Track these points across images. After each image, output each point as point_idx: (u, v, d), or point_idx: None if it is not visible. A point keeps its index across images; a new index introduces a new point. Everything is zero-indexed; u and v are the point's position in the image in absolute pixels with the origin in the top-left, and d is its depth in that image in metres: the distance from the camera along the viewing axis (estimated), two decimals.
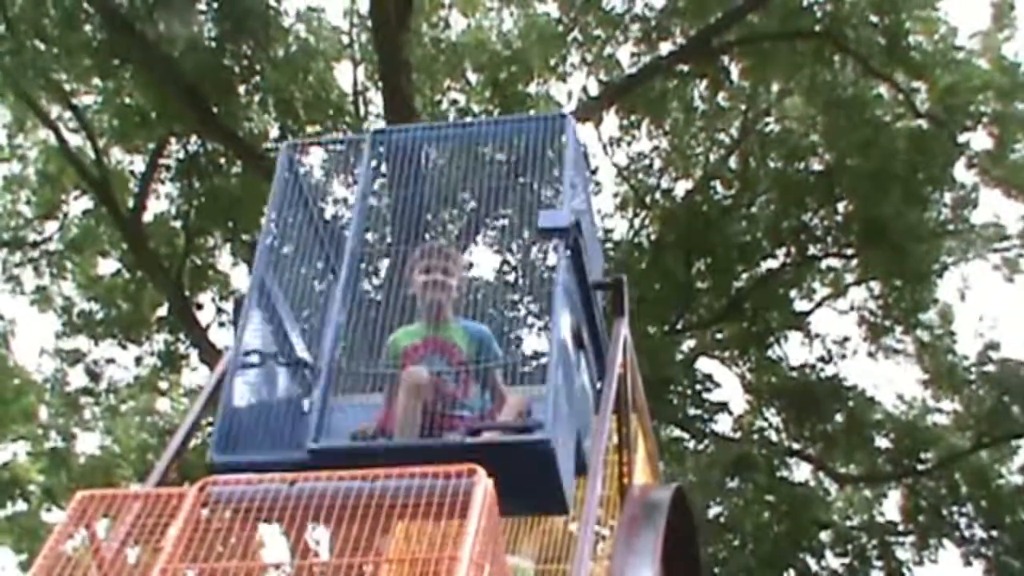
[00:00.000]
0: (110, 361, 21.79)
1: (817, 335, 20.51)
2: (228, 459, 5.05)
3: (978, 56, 18.69)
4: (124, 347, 21.29)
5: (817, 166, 19.14)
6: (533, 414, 5.29)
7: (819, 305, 20.76)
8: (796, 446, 19.76)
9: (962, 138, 18.50)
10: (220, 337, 19.70)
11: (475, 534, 3.77)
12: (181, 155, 19.15)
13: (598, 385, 6.10)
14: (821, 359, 20.04)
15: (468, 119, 7.01)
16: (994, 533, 19.44)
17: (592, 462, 5.87)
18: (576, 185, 5.73)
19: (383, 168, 6.18)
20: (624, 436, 6.47)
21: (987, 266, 20.48)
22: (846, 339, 20.45)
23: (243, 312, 5.62)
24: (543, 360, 5.23)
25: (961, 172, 19.06)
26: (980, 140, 18.93)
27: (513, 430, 5.18)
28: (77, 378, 21.99)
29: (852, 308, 20.77)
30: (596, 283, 5.92)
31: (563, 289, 5.27)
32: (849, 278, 20.72)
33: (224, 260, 20.90)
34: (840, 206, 19.34)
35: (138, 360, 21.56)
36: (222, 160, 18.91)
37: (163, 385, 22.42)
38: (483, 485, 4.00)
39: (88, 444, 22.87)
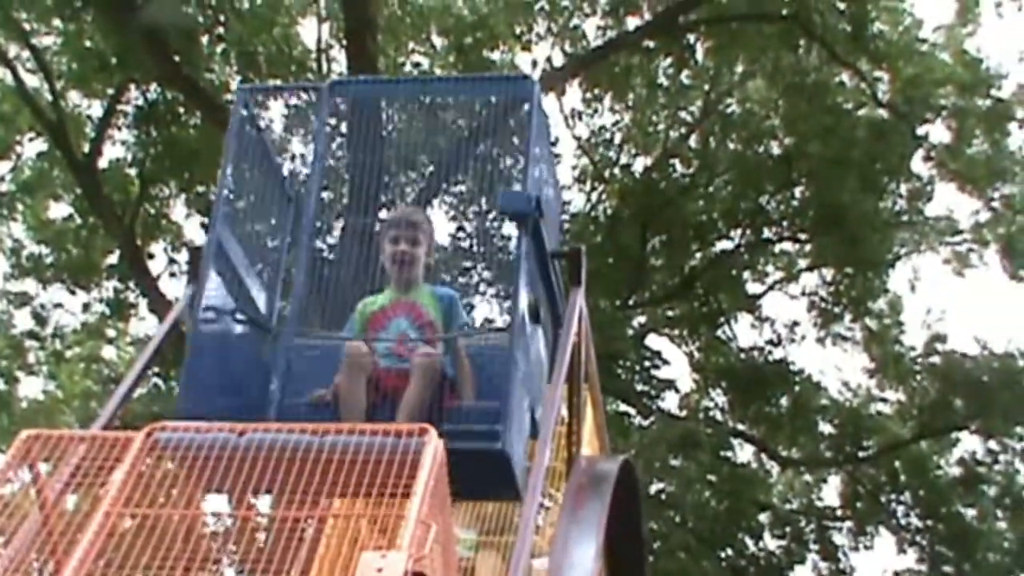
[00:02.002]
0: (57, 306, 21.56)
1: (767, 318, 20.65)
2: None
3: (941, 49, 18.81)
4: (72, 292, 21.08)
5: (776, 150, 19.23)
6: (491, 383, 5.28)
7: (771, 288, 20.88)
8: (740, 427, 19.92)
9: (921, 130, 18.66)
10: (170, 287, 19.55)
11: (423, 493, 3.75)
12: (140, 102, 18.91)
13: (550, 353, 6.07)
14: (770, 342, 20.21)
15: (431, 75, 6.92)
16: (929, 523, 19.69)
17: (541, 432, 5.88)
18: (539, 156, 5.66)
19: (342, 124, 6.13)
20: (574, 406, 6.49)
21: (938, 259, 20.70)
22: (795, 324, 20.61)
23: (202, 265, 5.53)
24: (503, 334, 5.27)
25: (918, 164, 19.24)
26: (939, 133, 19.13)
27: (472, 436, 5.01)
28: (23, 321, 21.73)
29: (803, 293, 20.91)
30: (555, 252, 5.88)
31: (525, 276, 5.26)
32: (802, 263, 20.84)
33: (178, 211, 20.71)
34: (797, 191, 19.45)
35: (86, 306, 21.35)
36: (181, 110, 18.70)
37: (110, 333, 22.21)
38: (433, 445, 3.98)
39: (31, 388, 22.60)
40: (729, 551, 18.64)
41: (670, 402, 19.82)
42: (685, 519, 17.56)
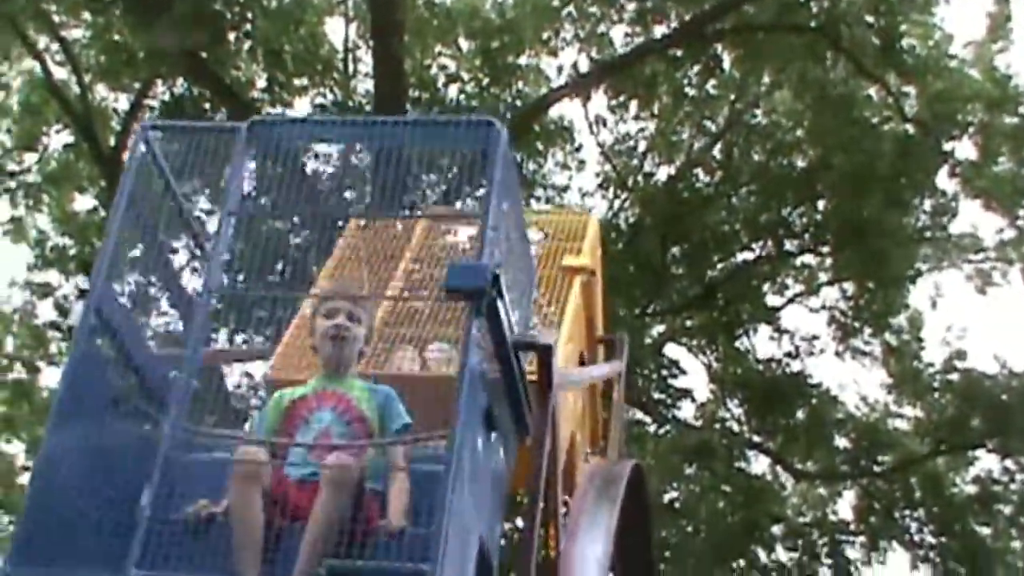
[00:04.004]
0: (80, 296, 21.63)
1: (786, 331, 20.58)
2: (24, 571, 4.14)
3: (970, 65, 18.72)
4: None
5: (800, 162, 19.17)
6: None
7: (791, 301, 20.82)
8: (756, 438, 19.86)
9: (947, 146, 18.55)
10: (193, 282, 19.59)
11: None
12: (166, 97, 19.01)
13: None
14: (788, 355, 20.13)
15: (374, 117, 5.67)
16: (943, 539, 19.60)
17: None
18: (499, 215, 4.71)
19: (258, 172, 5.28)
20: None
21: (960, 276, 20.62)
22: (815, 337, 20.54)
23: (76, 335, 4.67)
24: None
25: (943, 180, 19.13)
26: (965, 149, 19.01)
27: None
28: (46, 312, 21.85)
29: (823, 307, 20.84)
30: (518, 341, 4.88)
31: (473, 372, 4.36)
32: (823, 277, 20.77)
33: (202, 205, 20.76)
34: (820, 204, 19.39)
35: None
36: (207, 105, 18.78)
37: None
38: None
39: (52, 378, 22.71)
40: (741, 562, 18.60)
41: (686, 412, 19.81)
42: (697, 528, 17.53)
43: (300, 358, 6.04)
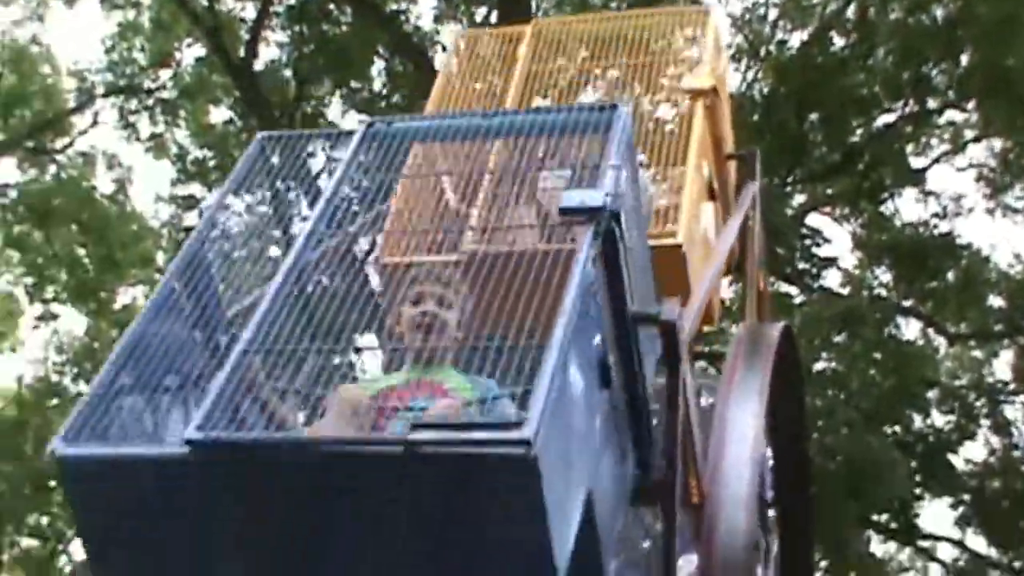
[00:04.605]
0: (224, 208, 22.12)
1: (932, 192, 20.08)
2: (77, 451, 3.98)
3: None
4: (237, 194, 21.57)
5: (941, 14, 18.47)
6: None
7: (936, 161, 20.26)
8: (906, 303, 19.50)
9: None
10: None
11: None
12: (291, 1, 19.15)
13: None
14: (936, 215, 19.65)
15: (495, 110, 5.14)
16: None
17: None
18: (623, 175, 4.34)
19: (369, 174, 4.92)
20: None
21: None
22: (962, 196, 20.02)
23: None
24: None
25: None
26: None
27: (479, 427, 3.68)
28: (192, 224, 22.40)
29: (970, 164, 20.27)
30: (640, 315, 4.33)
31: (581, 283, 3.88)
32: (968, 134, 20.15)
33: (334, 109, 21.04)
34: (963, 58, 18.69)
35: (249, 207, 21.85)
36: (332, 7, 18.88)
37: (275, 233, 22.75)
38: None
39: (219, 243, 23.38)
40: (896, 428, 18.40)
41: (833, 280, 19.54)
42: (849, 396, 17.35)
43: (412, 237, 5.73)
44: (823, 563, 17.89)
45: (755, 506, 5.52)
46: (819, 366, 17.68)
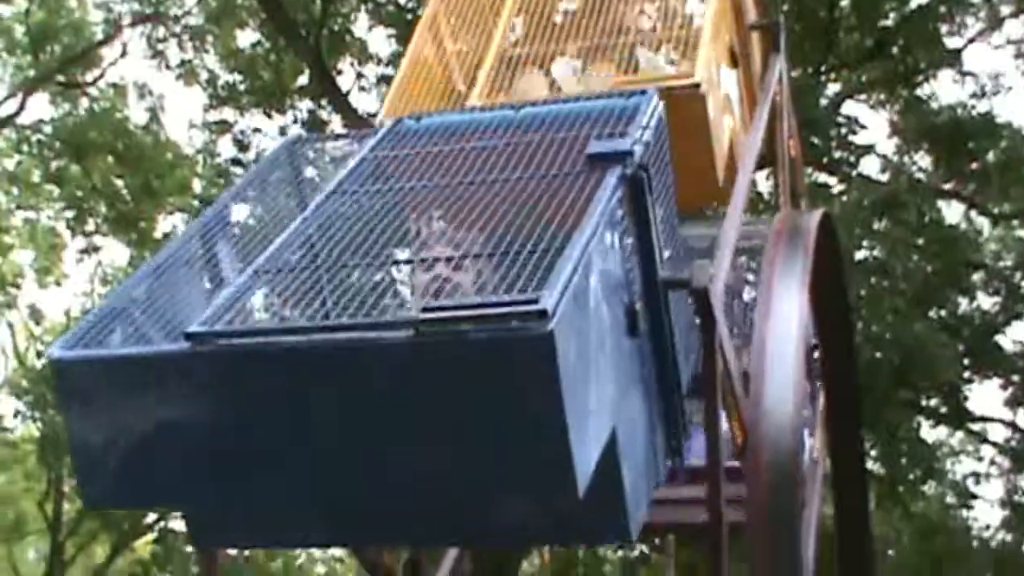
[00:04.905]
0: (256, 131, 22.14)
1: (969, 72, 19.72)
2: (71, 355, 3.99)
3: None
4: (269, 116, 21.61)
5: None
6: None
7: (971, 41, 19.90)
8: (947, 186, 19.29)
9: None
10: (360, 101, 19.86)
11: None
12: None
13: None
14: (973, 95, 19.33)
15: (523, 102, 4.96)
16: None
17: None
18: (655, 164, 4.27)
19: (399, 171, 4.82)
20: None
21: None
22: (1000, 75, 19.66)
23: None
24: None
25: None
26: None
27: (495, 306, 3.50)
28: (226, 149, 22.46)
29: (1008, 41, 19.91)
30: (671, 280, 4.40)
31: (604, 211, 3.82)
32: (1005, 10, 19.74)
33: (360, 25, 20.92)
34: None
35: (282, 130, 21.89)
36: None
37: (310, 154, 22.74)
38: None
39: (239, 214, 23.47)
40: (941, 312, 18.30)
41: (871, 168, 19.33)
42: (893, 283, 17.24)
43: (417, 92, 5.96)
44: (873, 451, 17.95)
45: (801, 387, 5.57)
46: (861, 255, 17.57)
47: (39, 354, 25.86)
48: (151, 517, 25.55)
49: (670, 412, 4.59)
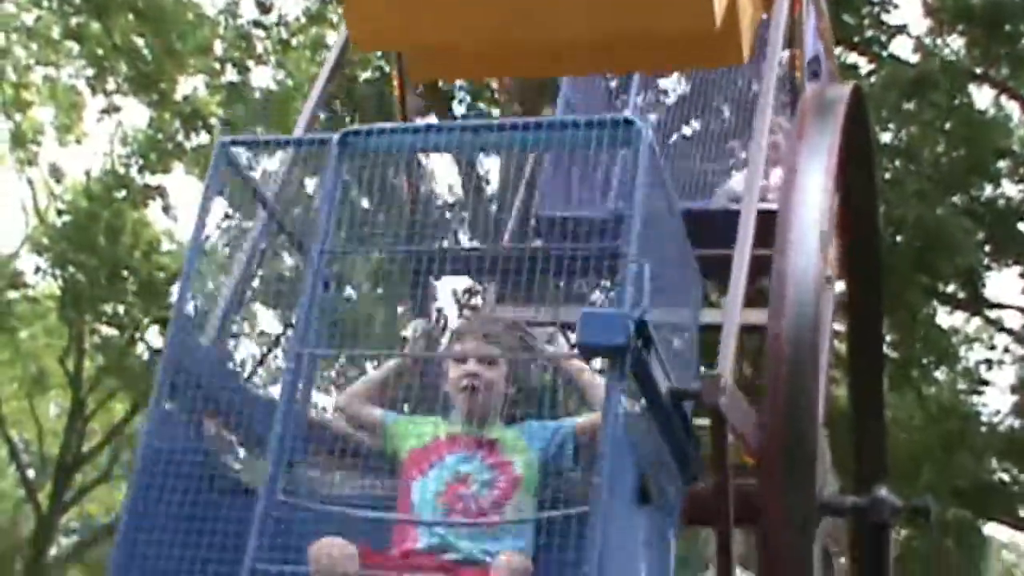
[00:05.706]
0: None
1: None
2: None
3: None
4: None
5: None
6: None
7: None
8: (979, 70, 18.93)
9: None
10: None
11: None
12: None
13: None
14: None
15: (490, 121, 4.54)
16: None
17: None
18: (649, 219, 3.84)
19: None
20: None
21: None
22: None
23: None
24: None
25: None
26: None
27: None
28: (248, 11, 22.22)
29: None
30: (679, 392, 4.10)
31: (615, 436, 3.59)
32: None
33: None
34: None
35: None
36: None
37: (333, 18, 22.49)
38: None
39: (262, 78, 23.30)
40: (966, 197, 18.13)
41: (903, 49, 18.98)
42: (919, 167, 17.07)
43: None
44: (889, 337, 17.95)
45: (823, 256, 5.46)
46: (887, 138, 17.37)
47: (59, 212, 25.95)
48: None
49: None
